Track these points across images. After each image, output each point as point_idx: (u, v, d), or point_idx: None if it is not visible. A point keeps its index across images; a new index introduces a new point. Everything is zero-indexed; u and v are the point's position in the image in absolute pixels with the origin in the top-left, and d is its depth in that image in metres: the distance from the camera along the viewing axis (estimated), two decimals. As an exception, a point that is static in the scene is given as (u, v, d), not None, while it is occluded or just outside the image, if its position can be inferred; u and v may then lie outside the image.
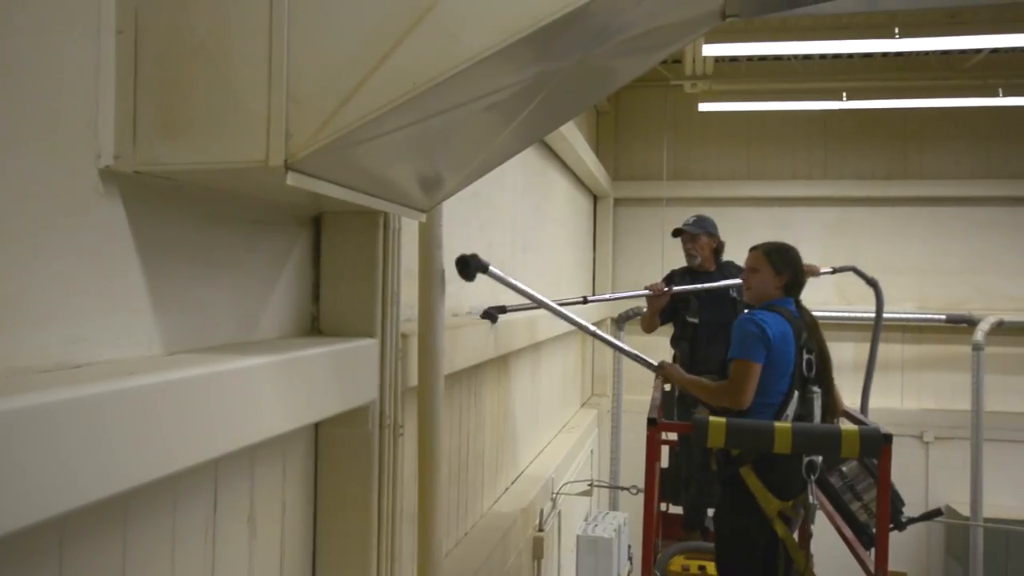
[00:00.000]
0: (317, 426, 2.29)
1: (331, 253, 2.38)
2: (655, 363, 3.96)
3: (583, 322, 4.01)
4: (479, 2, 1.58)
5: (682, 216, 5.76)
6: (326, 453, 2.32)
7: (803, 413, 3.59)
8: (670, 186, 10.25)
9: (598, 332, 4.07)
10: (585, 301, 4.33)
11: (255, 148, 1.55)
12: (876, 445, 3.22)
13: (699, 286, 4.99)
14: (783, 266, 3.72)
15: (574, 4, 1.58)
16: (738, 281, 4.56)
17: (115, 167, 1.51)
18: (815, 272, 4.85)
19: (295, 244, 2.27)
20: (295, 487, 2.21)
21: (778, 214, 10.35)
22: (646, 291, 4.78)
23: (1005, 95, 8.57)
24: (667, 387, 4.91)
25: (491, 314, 3.92)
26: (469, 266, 3.51)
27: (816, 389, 3.67)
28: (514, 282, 3.75)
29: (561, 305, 4.11)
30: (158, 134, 1.56)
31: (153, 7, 1.57)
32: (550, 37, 1.64)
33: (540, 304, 3.91)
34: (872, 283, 5.94)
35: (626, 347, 4.10)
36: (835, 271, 5.86)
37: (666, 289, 4.80)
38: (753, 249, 3.85)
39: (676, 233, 5.34)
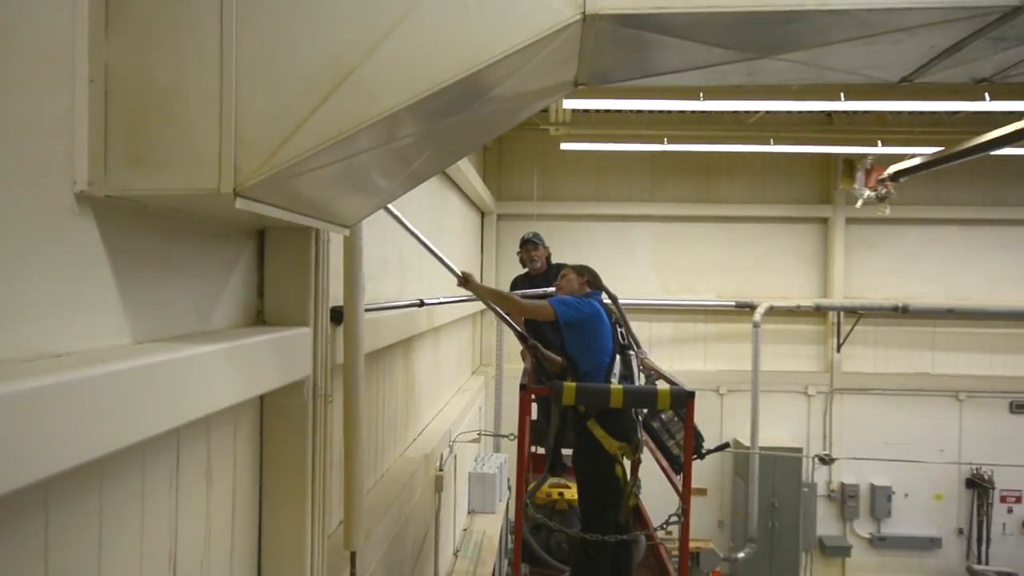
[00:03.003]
0: (262, 398, 2.23)
1: (273, 259, 2.30)
2: (459, 273, 4.03)
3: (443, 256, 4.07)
4: (391, 69, 1.59)
5: (549, 228, 5.92)
6: (270, 419, 2.26)
7: (626, 373, 3.80)
8: (539, 205, 10.40)
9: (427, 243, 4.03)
10: (421, 304, 4.37)
11: (208, 178, 1.50)
12: (682, 400, 3.41)
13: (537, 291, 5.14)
14: (583, 271, 4.01)
15: (464, 73, 1.62)
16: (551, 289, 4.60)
17: (88, 192, 1.43)
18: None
19: (243, 252, 2.19)
20: (244, 446, 2.15)
21: (618, 228, 10.67)
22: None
23: (775, 144, 9.14)
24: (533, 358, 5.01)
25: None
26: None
27: (631, 353, 3.90)
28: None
29: (405, 308, 4.17)
30: (126, 165, 1.48)
31: (120, 61, 1.49)
32: (445, 97, 1.67)
33: (391, 306, 3.94)
34: (613, 298, 6.07)
35: (442, 255, 4.05)
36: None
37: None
38: (564, 266, 4.23)
39: (524, 242, 5.52)
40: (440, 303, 5.09)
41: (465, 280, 3.98)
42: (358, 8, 1.56)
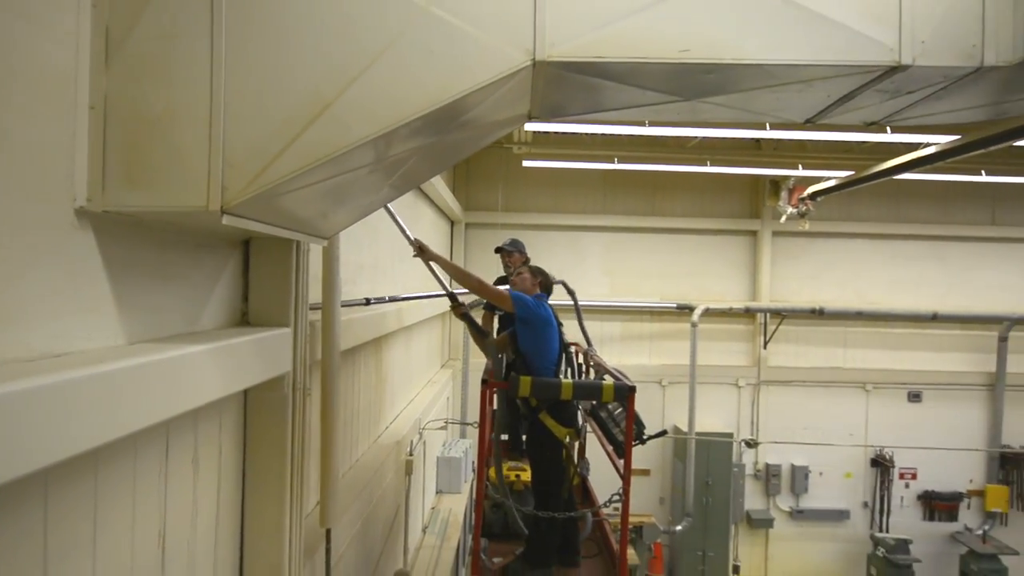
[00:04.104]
0: (246, 392, 2.23)
1: (257, 267, 2.30)
2: (413, 239, 3.97)
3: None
4: (364, 103, 1.63)
5: (512, 236, 5.95)
6: (253, 410, 2.26)
7: (569, 368, 3.90)
8: (503, 215, 10.44)
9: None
10: (367, 303, 4.27)
11: (198, 197, 1.52)
12: (624, 393, 3.45)
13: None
14: (538, 273, 4.00)
15: (428, 108, 1.67)
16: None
17: (87, 207, 1.44)
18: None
19: (229, 260, 2.19)
20: (229, 436, 2.15)
21: (573, 237, 10.76)
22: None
23: (712, 165, 9.35)
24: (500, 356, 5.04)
25: None
26: None
27: (572, 350, 4.00)
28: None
29: (350, 305, 4.07)
30: (122, 184, 1.49)
31: (119, 90, 1.50)
32: (412, 128, 1.72)
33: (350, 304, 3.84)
34: (571, 292, 5.40)
35: (399, 219, 3.90)
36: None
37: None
38: (521, 265, 4.25)
39: (497, 250, 5.41)
40: (386, 300, 4.87)
41: (420, 249, 3.88)
42: (336, 49, 1.60)
